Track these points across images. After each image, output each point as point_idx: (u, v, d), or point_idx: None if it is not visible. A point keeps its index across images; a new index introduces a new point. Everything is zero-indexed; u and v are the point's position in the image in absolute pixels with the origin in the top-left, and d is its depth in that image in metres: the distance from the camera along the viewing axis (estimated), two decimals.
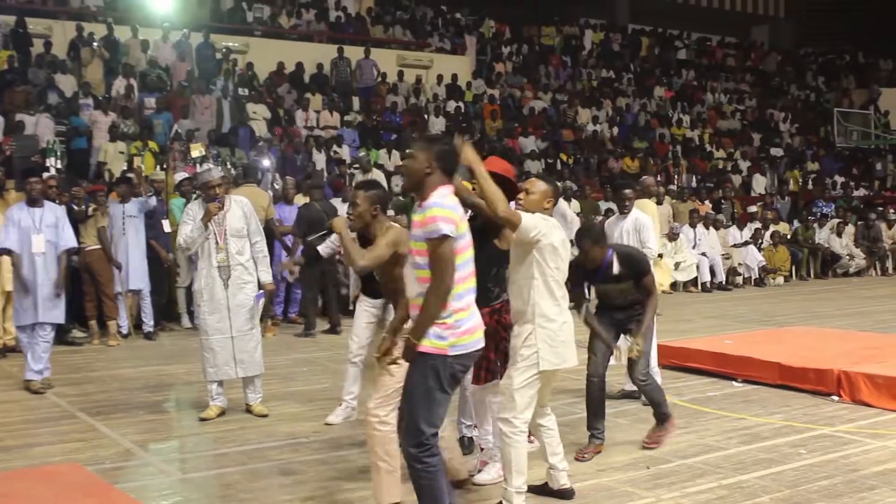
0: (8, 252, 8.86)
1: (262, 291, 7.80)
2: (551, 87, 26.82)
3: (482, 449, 6.19)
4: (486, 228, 5.75)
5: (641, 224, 8.20)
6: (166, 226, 12.26)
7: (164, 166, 15.14)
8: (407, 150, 4.79)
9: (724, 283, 18.63)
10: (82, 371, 9.88)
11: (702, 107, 29.36)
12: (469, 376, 5.84)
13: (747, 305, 15.76)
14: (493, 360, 5.85)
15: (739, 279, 19.23)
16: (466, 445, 6.49)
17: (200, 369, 7.85)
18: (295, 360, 10.49)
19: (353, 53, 23.18)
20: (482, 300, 5.70)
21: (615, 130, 25.43)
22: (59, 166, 14.03)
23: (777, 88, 33.17)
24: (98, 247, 11.54)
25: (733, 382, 9.06)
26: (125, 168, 15.11)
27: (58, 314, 9.02)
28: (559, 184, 8.20)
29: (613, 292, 6.79)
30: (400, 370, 5.05)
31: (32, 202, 8.98)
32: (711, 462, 6.40)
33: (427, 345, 4.53)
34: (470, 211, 5.57)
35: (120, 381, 9.35)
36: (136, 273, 11.81)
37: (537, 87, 26.46)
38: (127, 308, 12.02)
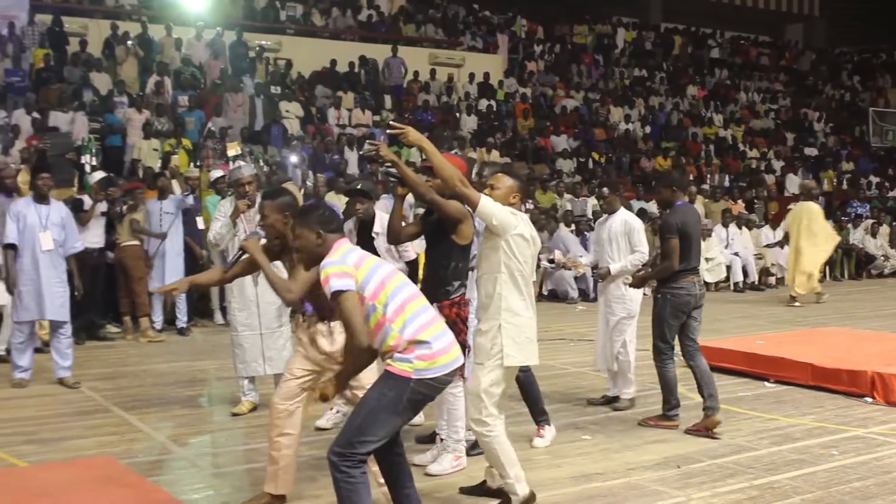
0: (13, 247, 8.80)
1: None
2: (583, 86, 26.75)
3: (441, 439, 6.21)
4: (443, 223, 5.78)
5: (631, 227, 7.96)
6: (200, 223, 12.35)
7: (199, 163, 15.28)
8: (294, 230, 4.72)
9: (756, 283, 18.52)
10: (116, 366, 9.97)
11: (735, 106, 29.18)
12: None
13: (780, 306, 15.65)
14: None
15: (772, 279, 19.10)
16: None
17: (232, 365, 7.91)
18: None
19: (385, 52, 23.23)
20: (441, 294, 5.78)
21: (647, 129, 25.32)
22: (94, 163, 14.15)
23: (811, 87, 32.91)
24: (133, 243, 11.63)
25: (765, 383, 9.02)
26: (160, 165, 15.24)
27: (65, 312, 8.99)
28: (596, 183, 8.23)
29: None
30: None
31: (41, 199, 8.95)
32: (742, 462, 6.38)
33: (394, 365, 4.45)
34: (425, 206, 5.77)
35: (153, 375, 9.43)
36: (171, 270, 11.85)
37: (569, 86, 26.40)
38: (161, 304, 12.12)
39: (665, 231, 7.24)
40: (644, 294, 8.17)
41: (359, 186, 6.72)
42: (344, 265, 4.44)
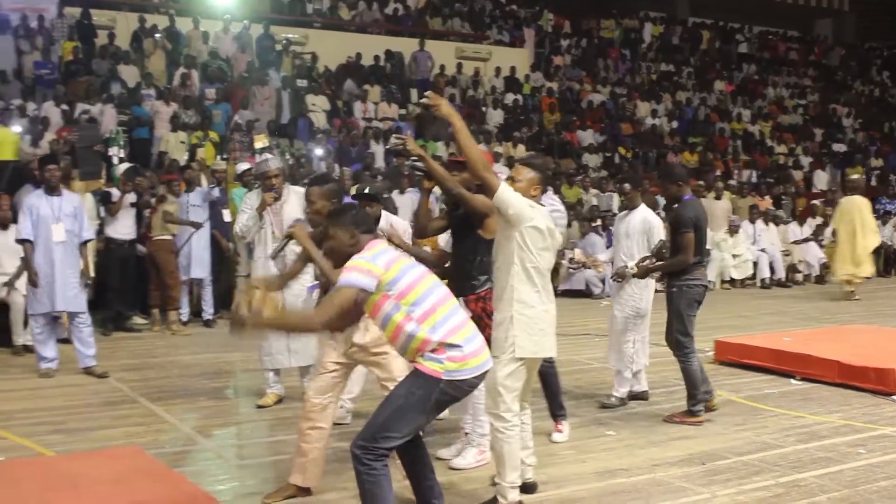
0: (28, 241, 8.84)
1: (316, 282, 7.84)
2: (610, 81, 26.66)
3: (465, 434, 6.21)
4: (469, 218, 5.78)
5: (651, 225, 7.91)
6: (226, 215, 12.40)
7: (225, 156, 15.33)
8: (328, 230, 4.71)
9: (783, 279, 18.40)
10: (142, 357, 10.04)
11: (763, 101, 28.99)
12: None
13: (807, 303, 15.56)
14: None
15: (800, 276, 18.98)
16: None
17: (257, 357, 7.94)
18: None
19: (411, 46, 23.24)
20: (467, 288, 5.78)
21: (674, 124, 25.21)
22: (121, 155, 14.23)
23: (840, 83, 32.63)
24: (165, 237, 11.64)
25: (791, 380, 8.96)
26: (187, 158, 15.31)
27: (80, 303, 9.04)
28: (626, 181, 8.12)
29: (667, 241, 7.49)
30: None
31: (52, 190, 8.96)
32: (768, 460, 6.34)
33: (424, 364, 4.47)
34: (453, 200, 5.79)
35: (179, 367, 9.49)
36: (197, 262, 11.94)
37: (596, 81, 26.31)
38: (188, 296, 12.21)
39: (680, 225, 7.25)
40: (656, 291, 8.11)
41: (366, 190, 6.70)
42: (372, 264, 4.43)
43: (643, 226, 7.91)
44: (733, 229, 17.58)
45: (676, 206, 7.40)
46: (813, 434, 7.06)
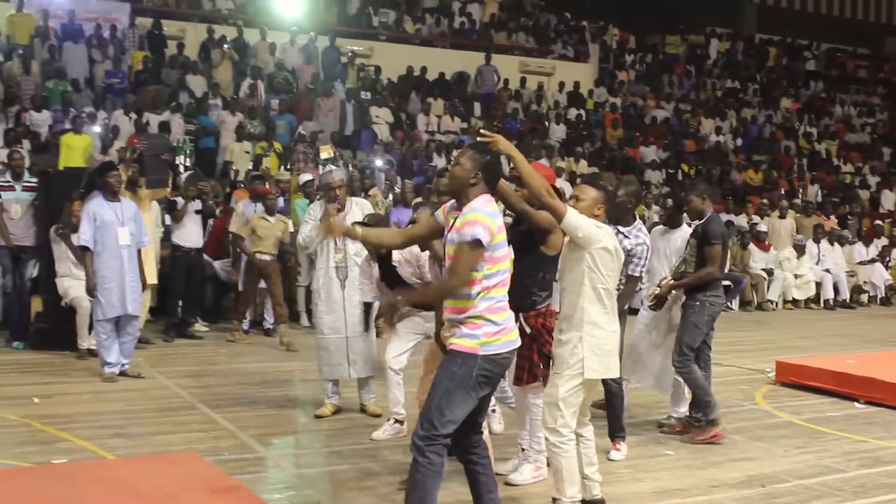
0: (87, 249, 8.97)
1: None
2: (674, 97, 26.48)
3: (523, 449, 6.20)
4: (532, 234, 5.77)
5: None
6: (290, 225, 12.51)
7: (289, 167, 15.48)
8: (455, 154, 4.87)
9: (847, 300, 18.12)
10: (203, 364, 10.15)
11: (830, 119, 28.59)
12: (509, 378, 6.01)
13: (872, 325, 15.31)
14: (535, 363, 5.88)
15: (864, 297, 18.68)
16: None
17: (316, 367, 7.99)
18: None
19: (476, 59, 23.29)
20: (527, 304, 5.78)
21: (738, 142, 24.96)
22: (188, 164, 14.44)
23: None
24: (270, 255, 11.62)
25: (855, 403, 8.81)
26: (250, 168, 15.49)
27: (138, 307, 9.26)
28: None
29: (691, 255, 7.34)
30: None
31: (113, 196, 9.11)
32: (830, 484, 6.25)
33: (458, 342, 4.62)
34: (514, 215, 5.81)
35: (239, 375, 9.58)
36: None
37: (660, 97, 26.14)
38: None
39: (710, 237, 7.21)
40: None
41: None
42: (493, 221, 4.61)
43: (685, 244, 7.61)
44: (799, 248, 17.38)
45: (704, 220, 7.34)
46: (877, 459, 6.94)
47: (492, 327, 4.63)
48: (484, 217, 4.58)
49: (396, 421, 7.20)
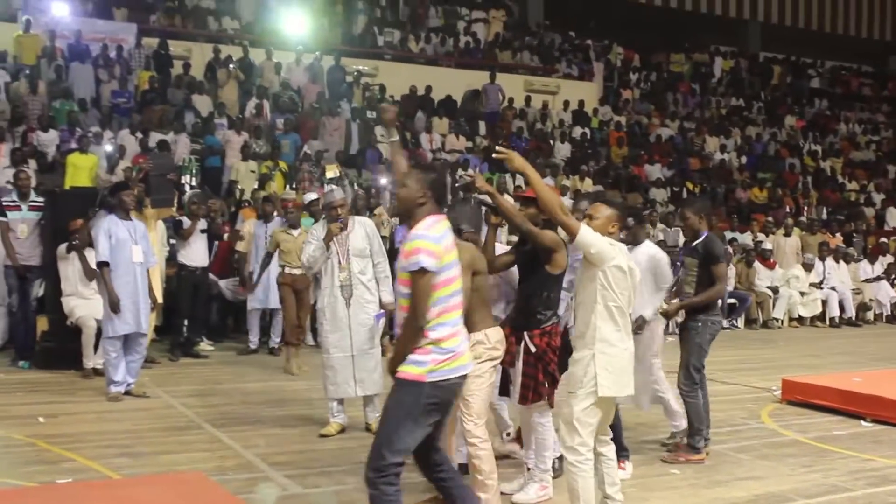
0: (106, 265, 8.99)
1: (382, 311, 7.90)
2: (679, 115, 26.52)
3: (528, 468, 6.19)
4: (537, 253, 5.79)
5: (658, 261, 7.55)
6: None
7: (295, 186, 15.51)
8: (405, 178, 4.76)
9: (853, 318, 18.09)
10: (209, 383, 10.15)
11: (834, 137, 28.61)
12: (515, 397, 6.02)
13: (878, 343, 15.27)
14: (540, 382, 5.88)
15: (870, 315, 18.64)
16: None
17: (322, 386, 7.99)
18: None
19: (480, 78, 23.36)
20: (533, 323, 5.79)
21: (743, 160, 24.98)
22: (193, 183, 14.48)
23: None
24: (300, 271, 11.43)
25: (862, 422, 8.78)
26: (256, 187, 15.53)
27: (147, 325, 9.33)
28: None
29: (689, 274, 7.33)
30: (482, 387, 5.31)
31: (126, 214, 9.20)
32: (837, 503, 6.22)
33: (405, 370, 4.53)
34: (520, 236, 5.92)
35: (244, 394, 9.58)
36: (274, 292, 11.93)
37: (665, 115, 26.19)
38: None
39: (714, 257, 7.23)
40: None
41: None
42: (439, 245, 4.52)
43: (649, 262, 7.47)
44: (808, 266, 17.37)
45: (702, 239, 7.31)
46: (884, 478, 6.91)
47: (441, 354, 4.53)
48: (424, 243, 4.48)
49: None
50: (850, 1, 34.65)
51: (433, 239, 4.51)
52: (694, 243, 7.37)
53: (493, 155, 5.21)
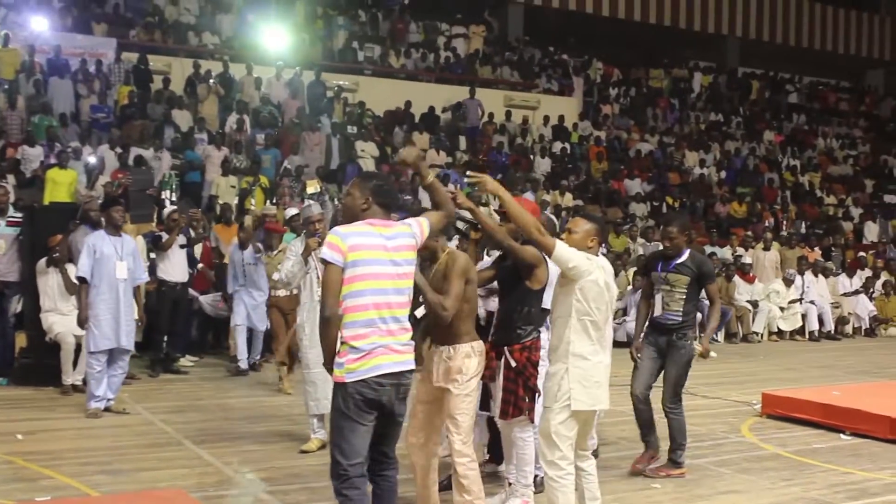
0: (84, 280, 8.99)
1: None
2: (658, 130, 26.64)
3: (510, 484, 6.19)
4: (517, 268, 5.81)
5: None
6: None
7: (275, 201, 15.48)
8: (349, 188, 4.95)
9: (832, 332, 18.18)
10: (189, 399, 10.11)
11: (813, 152, 28.81)
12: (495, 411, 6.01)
13: (857, 356, 15.36)
14: (520, 397, 5.88)
15: (849, 329, 18.75)
16: None
17: (303, 402, 7.97)
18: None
19: (461, 94, 23.41)
20: (513, 338, 5.82)
21: (722, 174, 25.11)
22: (173, 199, 14.44)
23: (891, 134, 32.35)
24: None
25: (841, 435, 8.83)
26: (237, 202, 15.50)
27: (131, 342, 9.29)
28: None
29: (676, 291, 7.14)
30: (471, 406, 5.36)
31: (115, 230, 9.18)
32: None
33: (334, 374, 4.67)
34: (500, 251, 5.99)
35: (224, 410, 9.54)
36: (260, 312, 11.92)
37: (644, 130, 26.30)
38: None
39: (710, 275, 7.31)
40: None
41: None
42: (344, 242, 4.64)
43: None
44: (788, 282, 17.47)
45: (694, 255, 7.29)
46: (863, 491, 6.95)
47: (354, 353, 4.61)
48: (332, 237, 4.66)
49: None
50: (828, 17, 34.90)
51: (341, 235, 4.65)
52: (680, 260, 7.21)
53: (466, 179, 5.24)
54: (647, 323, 7.44)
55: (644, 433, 7.38)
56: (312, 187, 9.64)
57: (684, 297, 7.18)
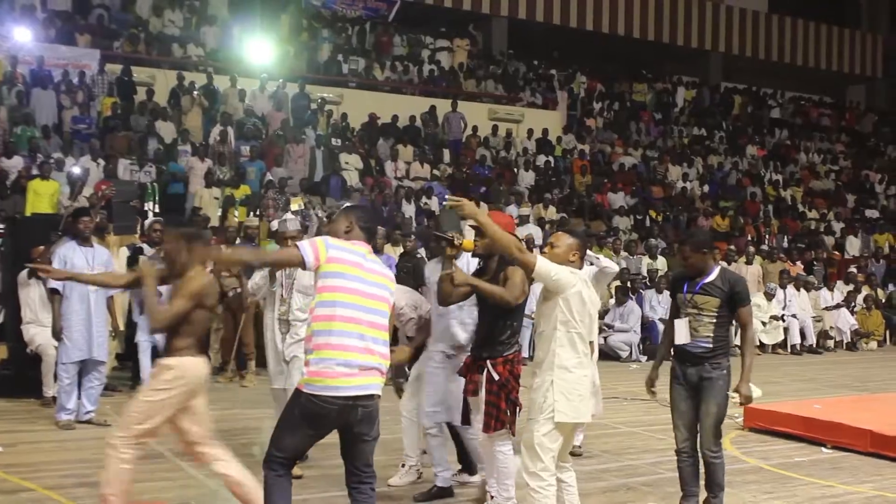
0: (56, 292, 8.99)
1: None
2: (642, 144, 26.74)
3: (491, 497, 6.19)
4: (498, 283, 5.85)
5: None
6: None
7: (258, 213, 15.46)
8: (331, 218, 5.17)
9: (814, 346, 18.25)
10: None
11: (795, 166, 28.96)
12: (479, 425, 6.02)
13: (838, 370, 15.42)
14: (503, 410, 5.89)
15: (831, 343, 18.82)
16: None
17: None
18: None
19: (445, 106, 23.46)
20: (496, 352, 5.83)
21: (705, 188, 25.22)
22: (156, 210, 14.40)
23: (873, 149, 32.58)
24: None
25: (822, 448, 8.86)
26: (220, 214, 15.45)
27: (105, 353, 9.29)
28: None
29: (704, 315, 6.26)
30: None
31: (84, 241, 9.11)
32: None
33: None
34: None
35: None
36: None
37: (627, 143, 26.41)
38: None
39: (746, 298, 6.41)
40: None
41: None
42: (325, 249, 4.75)
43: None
44: (769, 296, 17.52)
45: (728, 274, 6.47)
46: None
47: (313, 367, 4.69)
48: (320, 241, 4.77)
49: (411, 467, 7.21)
50: (809, 33, 35.16)
51: (327, 245, 4.76)
52: (709, 279, 6.38)
53: (445, 204, 5.24)
54: (671, 352, 6.57)
55: (685, 485, 6.45)
56: (296, 204, 9.67)
57: (714, 321, 6.29)
